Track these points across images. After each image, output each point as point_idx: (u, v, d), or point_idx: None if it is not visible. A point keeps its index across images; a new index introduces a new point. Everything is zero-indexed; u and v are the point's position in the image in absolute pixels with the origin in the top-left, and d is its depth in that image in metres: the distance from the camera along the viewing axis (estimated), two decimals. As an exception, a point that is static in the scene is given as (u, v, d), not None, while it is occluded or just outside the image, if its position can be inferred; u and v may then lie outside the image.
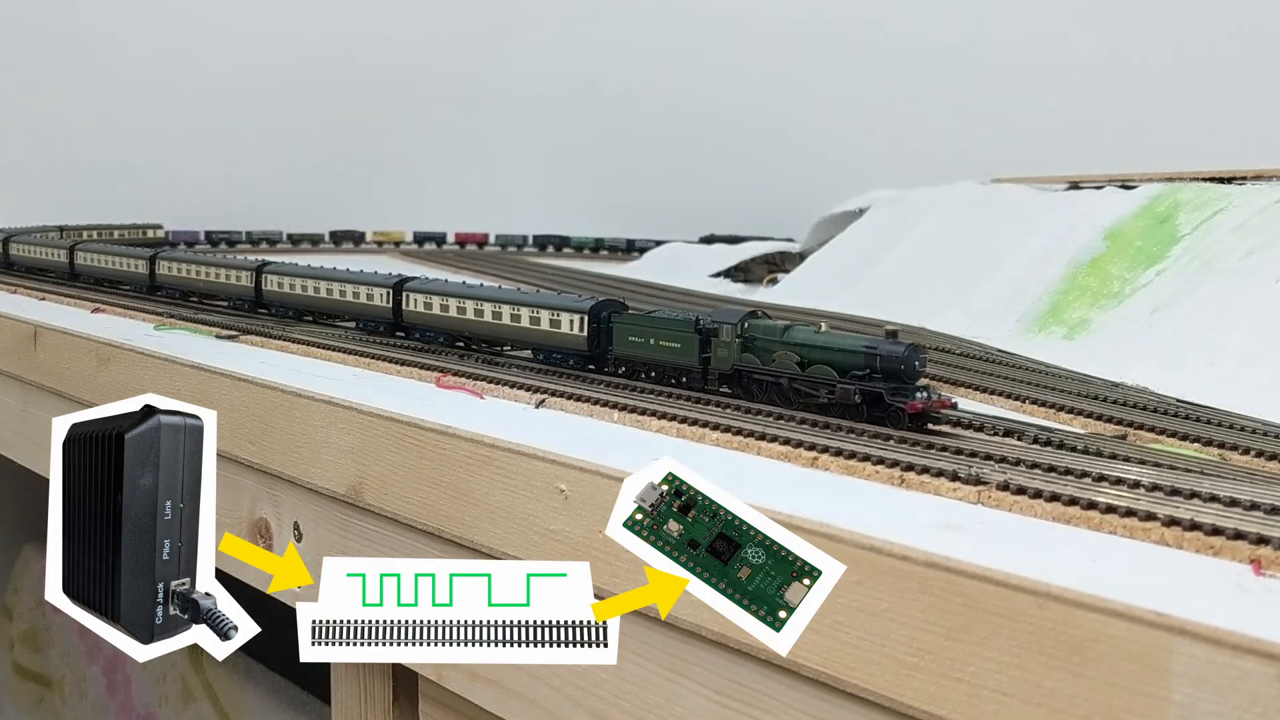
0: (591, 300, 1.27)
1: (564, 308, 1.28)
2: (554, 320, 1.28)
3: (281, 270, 1.78)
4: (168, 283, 2.08)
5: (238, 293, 1.87)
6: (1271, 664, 0.47)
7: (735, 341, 1.09)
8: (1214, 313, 1.56)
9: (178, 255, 2.13)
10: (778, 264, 3.21)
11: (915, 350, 0.97)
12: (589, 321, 1.24)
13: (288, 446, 1.06)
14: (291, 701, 1.78)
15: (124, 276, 2.20)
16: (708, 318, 1.12)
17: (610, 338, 1.22)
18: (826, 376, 1.00)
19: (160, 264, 2.10)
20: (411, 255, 4.13)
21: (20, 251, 2.57)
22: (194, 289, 2.01)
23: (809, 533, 0.65)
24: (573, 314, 1.26)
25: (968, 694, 0.57)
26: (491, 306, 1.37)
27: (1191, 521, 0.66)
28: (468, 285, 1.47)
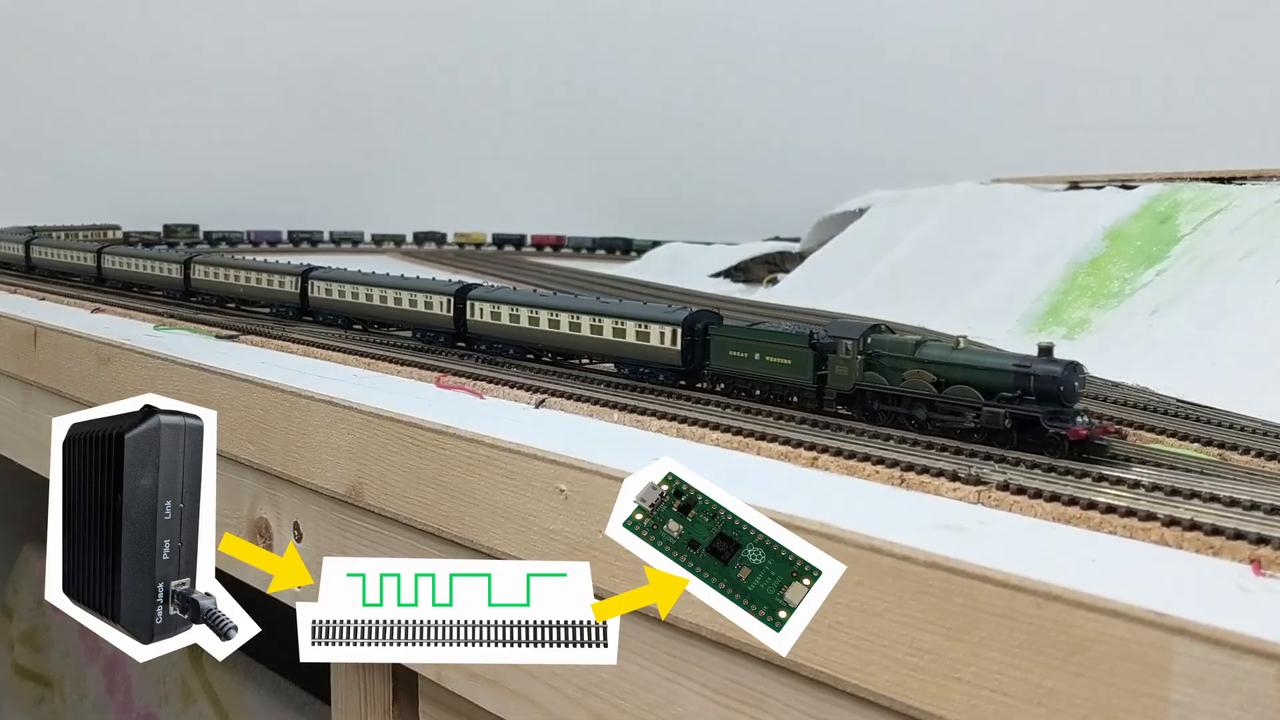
0: (684, 310, 1.19)
1: (654, 319, 1.19)
2: (642, 332, 1.19)
3: (329, 276, 1.69)
4: (204, 288, 1.97)
5: (281, 299, 1.77)
6: (1271, 664, 0.47)
7: (857, 358, 0.99)
8: (1214, 313, 1.56)
9: (214, 259, 2.01)
10: (778, 264, 3.21)
11: (1074, 369, 0.88)
12: (683, 334, 1.15)
13: (288, 446, 1.06)
14: (291, 701, 1.78)
15: (155, 281, 2.10)
16: (823, 331, 1.03)
17: (707, 351, 1.14)
18: (969, 398, 0.91)
19: (195, 268, 1.99)
20: (412, 255, 4.13)
21: (42, 254, 2.48)
22: (232, 295, 1.90)
23: (809, 533, 0.65)
24: (664, 325, 1.17)
25: (968, 694, 0.57)
26: (569, 317, 1.28)
27: (1191, 521, 0.66)
28: (540, 294, 1.38)
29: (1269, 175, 1.94)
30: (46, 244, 2.50)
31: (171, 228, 4.14)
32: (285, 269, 1.77)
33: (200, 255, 2.03)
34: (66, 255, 2.40)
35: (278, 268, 1.79)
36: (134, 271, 2.18)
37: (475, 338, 1.42)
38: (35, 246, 2.50)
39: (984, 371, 0.91)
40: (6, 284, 2.24)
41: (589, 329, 1.26)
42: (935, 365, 0.94)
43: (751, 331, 1.10)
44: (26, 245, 2.52)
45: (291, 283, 1.73)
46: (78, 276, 2.33)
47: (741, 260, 3.27)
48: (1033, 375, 0.88)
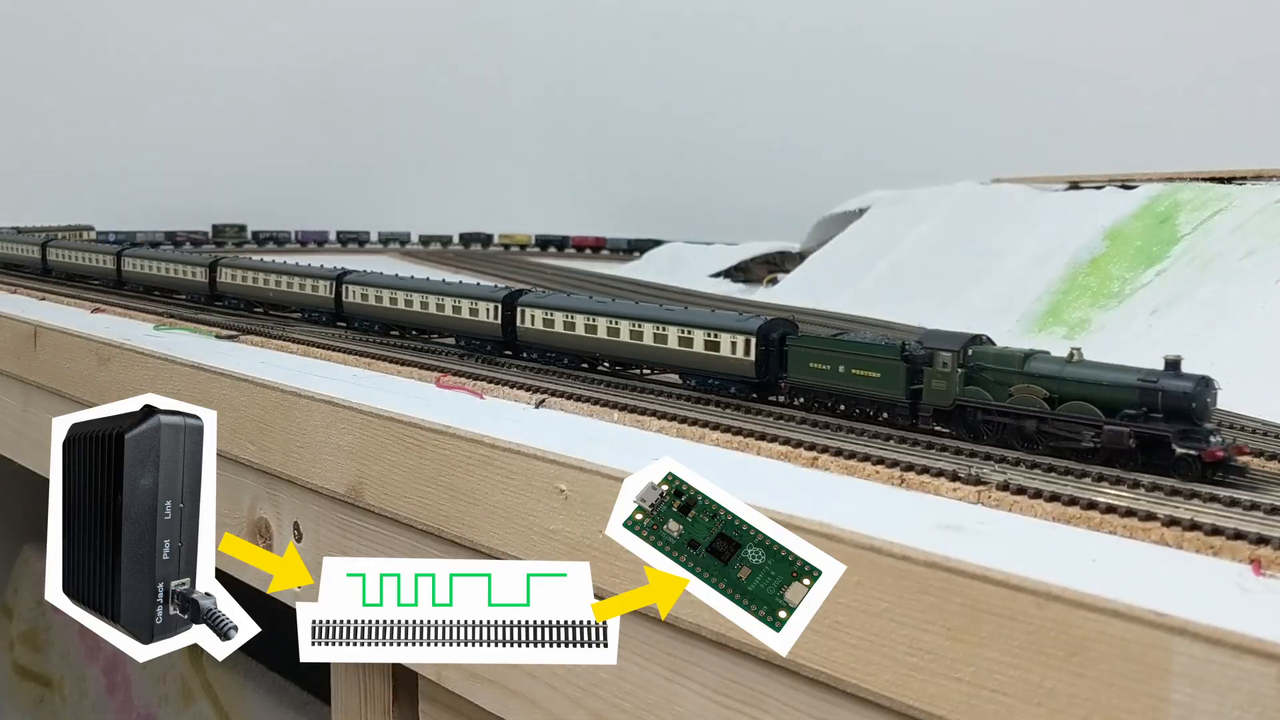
0: (758, 319, 1.11)
1: (724, 327, 1.12)
2: (711, 341, 1.12)
3: (365, 281, 1.61)
4: (231, 293, 1.88)
5: (314, 304, 1.68)
6: (1271, 664, 0.48)
7: (956, 371, 0.91)
8: (1214, 313, 1.56)
9: (242, 262, 1.90)
10: (778, 264, 3.22)
11: (1206, 384, 0.81)
12: (757, 344, 1.08)
13: (288, 446, 1.06)
14: (291, 701, 1.78)
15: (179, 285, 2.01)
16: (916, 342, 0.96)
17: (784, 363, 1.06)
18: (1088, 415, 0.84)
19: (222, 272, 1.90)
20: (412, 255, 4.13)
21: (59, 257, 2.39)
22: (261, 299, 1.82)
23: (809, 533, 0.65)
24: (736, 335, 1.10)
25: (968, 694, 0.57)
26: (630, 324, 1.21)
27: (1191, 521, 0.66)
28: (598, 300, 1.30)
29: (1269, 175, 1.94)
30: (64, 246, 2.42)
31: (220, 227, 4.17)
32: (319, 272, 1.69)
33: (227, 258, 1.94)
34: (85, 258, 2.31)
35: (310, 271, 1.71)
36: (156, 275, 2.09)
37: (525, 346, 1.34)
38: (52, 249, 2.43)
39: (1104, 387, 0.84)
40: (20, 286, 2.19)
41: (652, 337, 1.19)
42: (1047, 380, 0.88)
43: (836, 342, 1.03)
44: (43, 247, 2.45)
45: (326, 287, 1.66)
46: (96, 279, 2.26)
47: (741, 260, 3.27)
48: (1161, 391, 0.81)
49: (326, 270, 1.68)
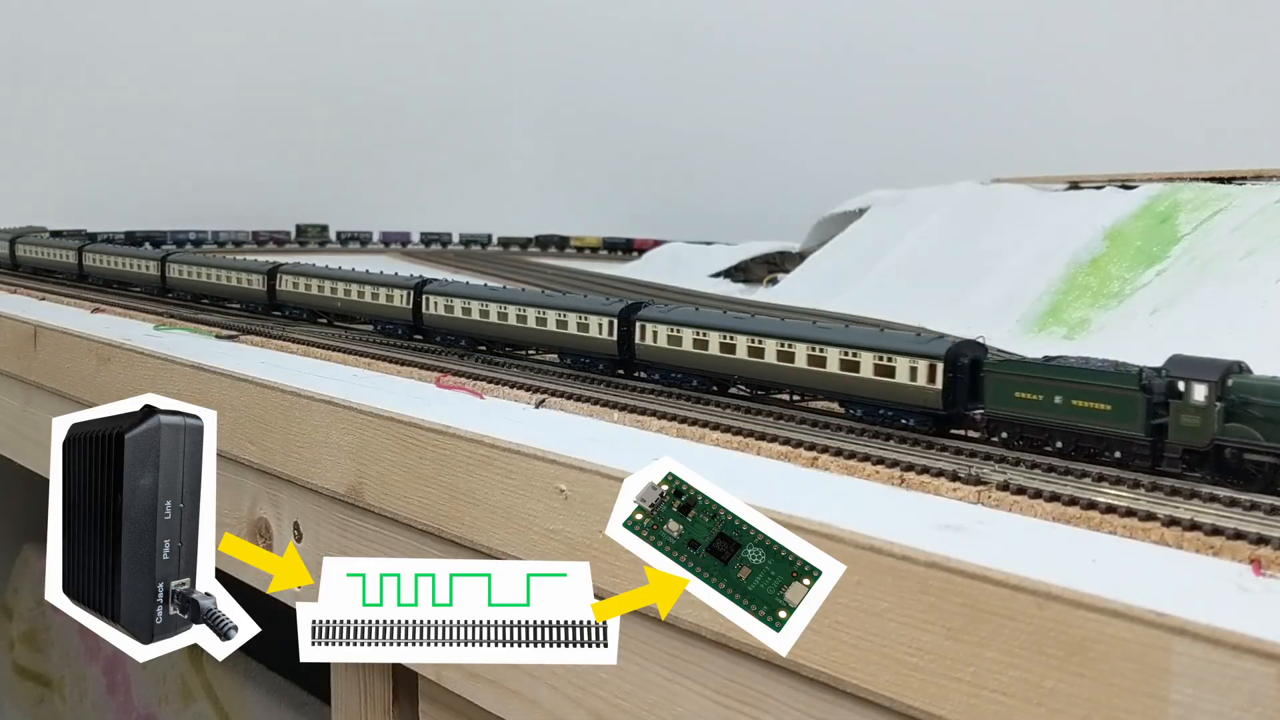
0: (943, 341, 0.96)
1: (901, 350, 0.96)
2: (885, 365, 0.96)
3: (449, 291, 1.45)
4: (292, 301, 1.73)
5: (390, 315, 1.53)
6: (1271, 664, 0.47)
7: (1214, 406, 0.78)
8: (1214, 313, 1.56)
9: (304, 269, 1.75)
10: (778, 264, 3.22)
11: None
12: (944, 369, 0.92)
13: (288, 446, 1.06)
14: (291, 701, 1.78)
15: (231, 293, 1.87)
16: (1156, 370, 0.82)
17: (977, 391, 0.92)
18: None
19: (282, 279, 1.75)
20: (412, 255, 4.13)
21: (97, 262, 2.25)
22: (327, 309, 1.67)
23: (809, 533, 0.65)
24: (917, 359, 0.94)
25: (968, 694, 0.57)
26: (778, 344, 1.06)
27: (1191, 521, 0.66)
28: (735, 316, 1.16)
29: (1269, 175, 1.94)
30: (101, 251, 2.27)
31: (303, 227, 4.22)
32: (394, 281, 1.55)
33: (287, 265, 1.79)
34: (126, 263, 2.14)
35: (385, 279, 1.57)
36: (205, 281, 1.93)
37: (648, 365, 1.20)
38: (89, 253, 2.29)
39: None
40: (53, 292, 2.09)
41: (805, 359, 1.04)
42: None
43: (1052, 368, 0.88)
44: (80, 252, 2.30)
45: (403, 297, 1.51)
46: (138, 286, 2.09)
47: (741, 260, 3.27)
48: None
49: (403, 279, 1.55)
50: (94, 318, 1.70)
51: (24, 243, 2.55)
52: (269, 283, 1.76)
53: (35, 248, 2.50)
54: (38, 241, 2.54)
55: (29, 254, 2.49)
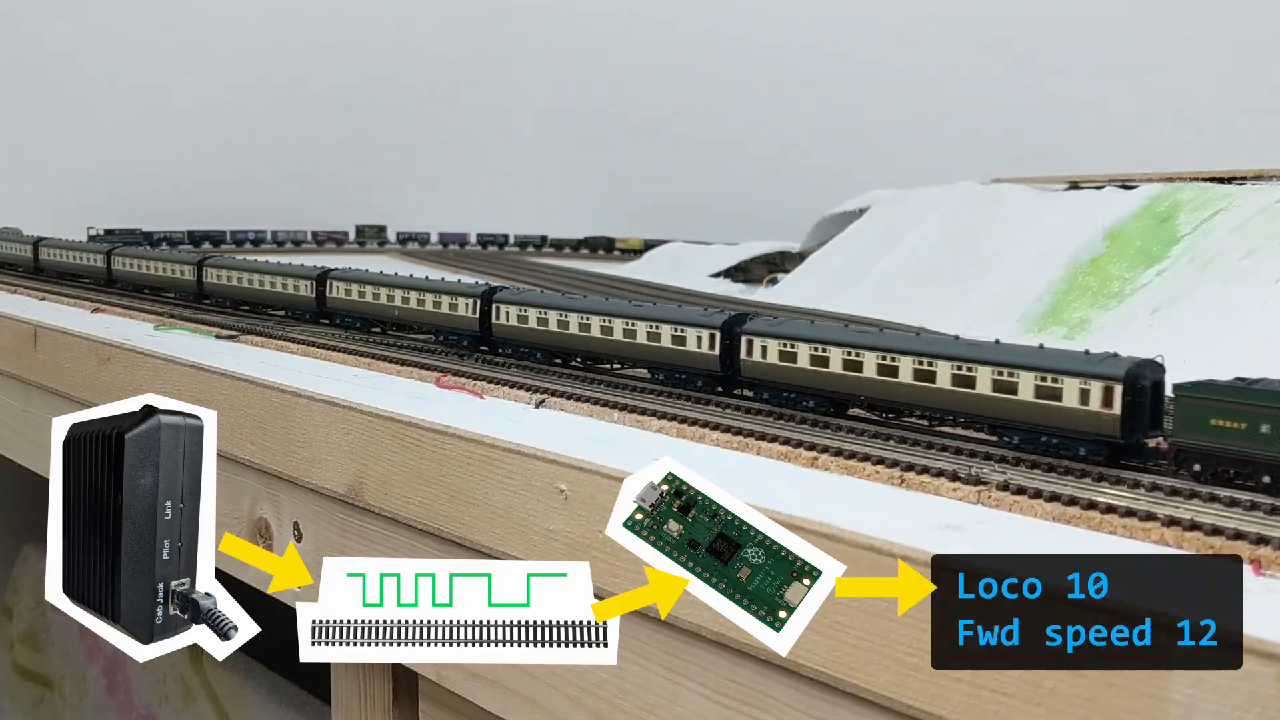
0: (1118, 359, 0.86)
1: (1068, 369, 0.86)
2: (1048, 387, 0.87)
3: (522, 300, 1.36)
4: (346, 310, 1.62)
5: (456, 325, 1.44)
6: (1271, 664, 0.47)
7: None
8: (1214, 313, 1.56)
9: (355, 275, 1.66)
10: (778, 264, 3.22)
11: None
12: (1123, 392, 0.82)
13: (288, 446, 1.06)
14: (291, 701, 1.78)
15: (279, 299, 1.78)
16: None
17: (1155, 417, 0.83)
18: None
19: (334, 286, 1.66)
20: (413, 255, 4.13)
21: (126, 266, 2.12)
22: (383, 318, 1.58)
23: (809, 533, 0.65)
24: (1089, 380, 0.85)
25: (968, 694, 0.57)
26: (913, 361, 0.96)
27: (1191, 521, 0.66)
28: (858, 330, 1.06)
29: (1269, 175, 1.94)
30: (132, 255, 2.14)
31: (362, 228, 4.32)
32: (459, 289, 1.47)
33: (338, 270, 1.69)
34: (159, 268, 2.01)
35: (449, 287, 1.49)
36: (247, 288, 1.82)
37: (758, 383, 1.09)
38: (118, 258, 2.15)
39: None
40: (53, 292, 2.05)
41: (950, 379, 0.94)
42: None
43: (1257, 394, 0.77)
44: (108, 256, 2.18)
45: (469, 305, 1.42)
46: (172, 292, 1.96)
47: (741, 260, 3.27)
48: None
49: (469, 286, 1.46)
50: (94, 318, 1.70)
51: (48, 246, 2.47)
52: (318, 289, 1.66)
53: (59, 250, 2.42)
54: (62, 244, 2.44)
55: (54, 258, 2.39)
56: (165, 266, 2.00)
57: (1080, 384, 0.85)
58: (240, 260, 1.93)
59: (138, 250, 2.18)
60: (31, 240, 2.49)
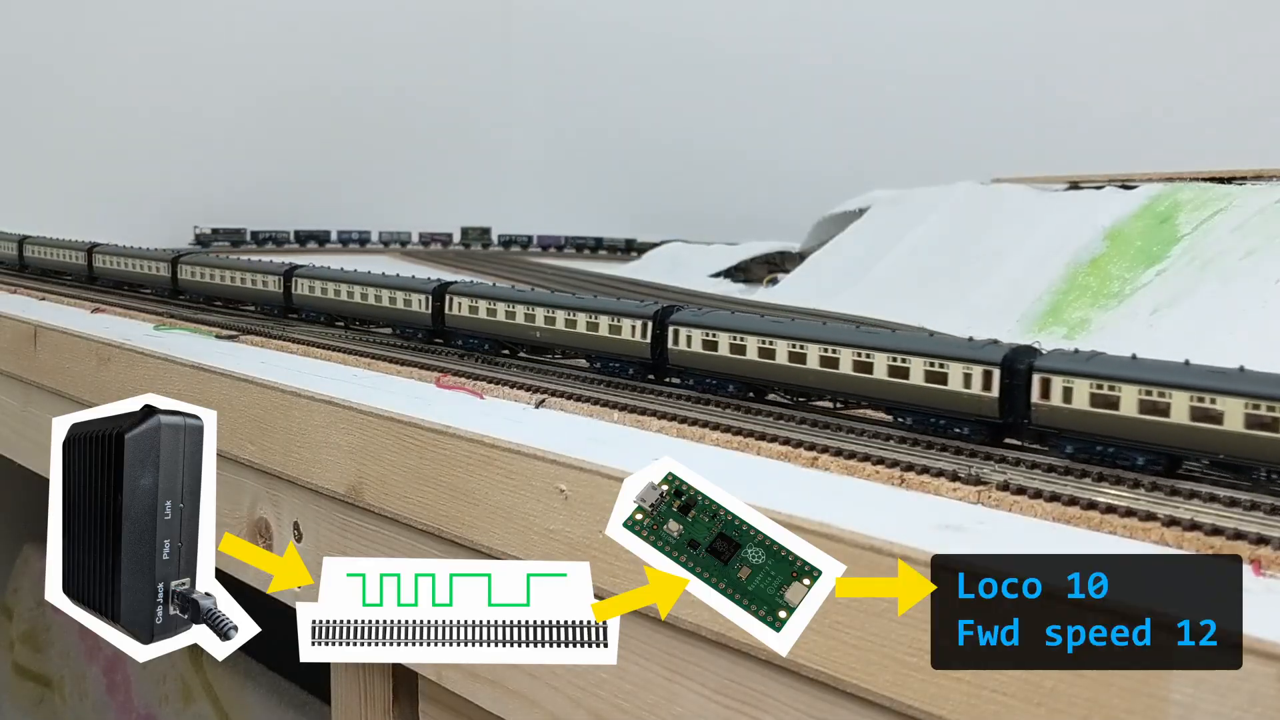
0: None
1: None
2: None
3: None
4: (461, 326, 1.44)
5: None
6: (1271, 664, 0.47)
7: None
8: (1214, 313, 1.56)
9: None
10: (778, 264, 3.22)
11: None
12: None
13: (288, 446, 1.06)
14: (291, 701, 1.78)
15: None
16: None
17: None
18: None
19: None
20: (413, 255, 4.13)
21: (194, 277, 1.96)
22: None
23: (809, 533, 0.65)
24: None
25: (968, 694, 0.57)
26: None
27: (1191, 521, 0.66)
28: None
29: (1269, 175, 1.94)
30: (200, 263, 2.01)
31: (467, 230, 4.39)
32: (414, 284, 1.45)
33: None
34: (237, 278, 1.84)
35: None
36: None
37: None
38: (184, 266, 2.02)
39: None
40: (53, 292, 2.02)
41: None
42: None
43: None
44: (173, 264, 2.03)
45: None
46: (252, 305, 1.82)
47: (741, 260, 3.27)
48: None
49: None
50: (94, 318, 1.70)
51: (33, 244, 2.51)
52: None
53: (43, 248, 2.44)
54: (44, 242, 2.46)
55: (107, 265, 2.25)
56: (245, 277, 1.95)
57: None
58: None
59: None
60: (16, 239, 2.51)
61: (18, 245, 2.47)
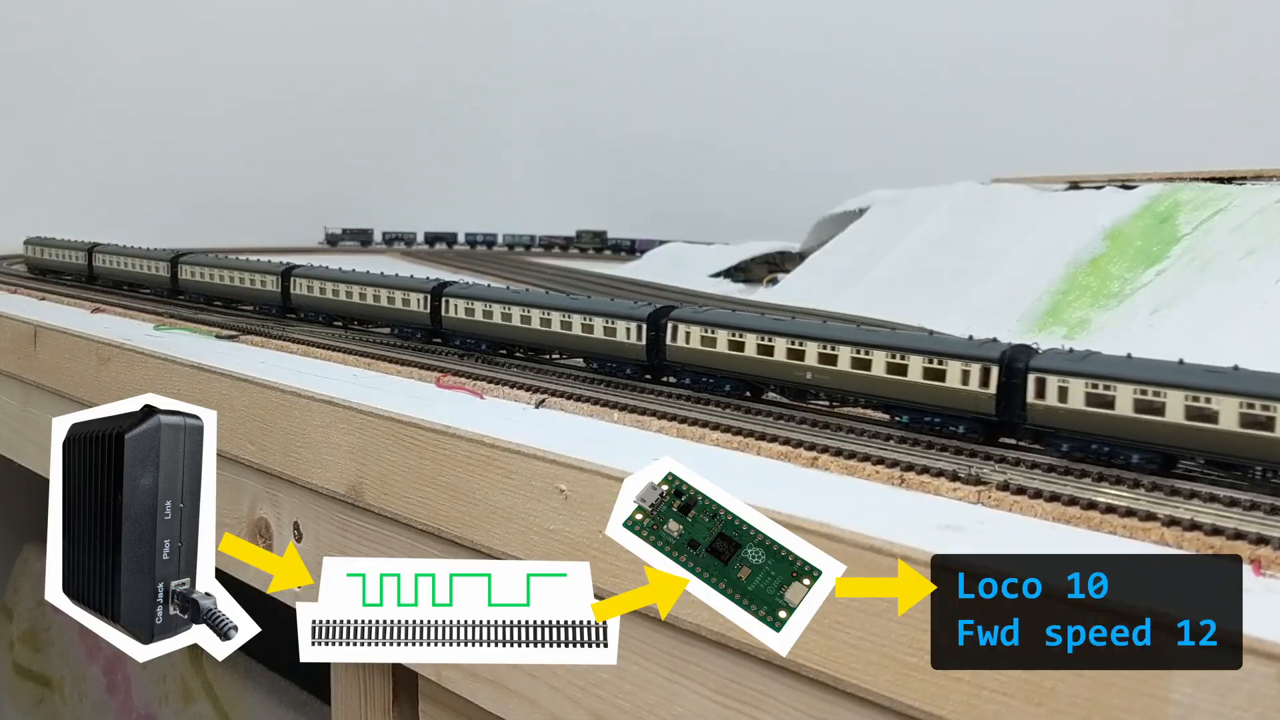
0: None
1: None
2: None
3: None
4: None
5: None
6: (1271, 664, 0.47)
7: None
8: (1214, 313, 1.56)
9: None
10: (778, 264, 3.21)
11: None
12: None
13: (288, 446, 1.06)
14: (291, 701, 1.78)
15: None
16: None
17: None
18: None
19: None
20: (414, 255, 4.13)
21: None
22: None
23: (809, 533, 0.65)
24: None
25: (968, 694, 0.57)
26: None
27: (1191, 521, 0.66)
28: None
29: (1269, 175, 1.94)
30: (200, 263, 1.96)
31: (581, 233, 4.41)
32: (412, 284, 1.44)
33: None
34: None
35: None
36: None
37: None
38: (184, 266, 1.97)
39: None
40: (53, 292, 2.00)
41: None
42: None
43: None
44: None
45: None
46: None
47: (741, 260, 3.26)
48: None
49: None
50: (94, 318, 1.70)
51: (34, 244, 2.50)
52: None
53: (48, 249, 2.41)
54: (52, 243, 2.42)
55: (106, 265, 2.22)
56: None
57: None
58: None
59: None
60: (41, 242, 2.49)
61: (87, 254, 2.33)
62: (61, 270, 2.31)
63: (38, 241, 2.43)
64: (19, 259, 2.60)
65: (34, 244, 2.44)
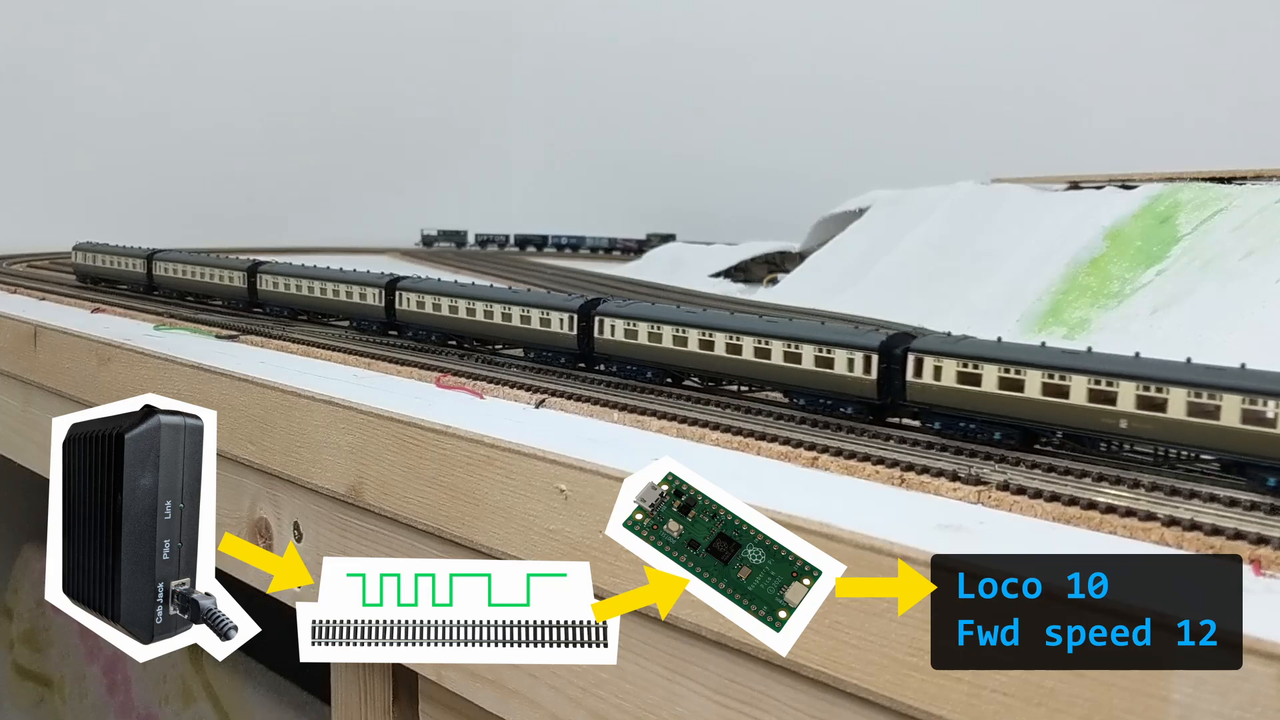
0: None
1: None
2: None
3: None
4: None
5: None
6: (1271, 664, 0.47)
7: None
8: (1214, 313, 1.56)
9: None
10: (778, 264, 3.21)
11: None
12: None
13: (288, 446, 1.06)
14: (291, 701, 1.78)
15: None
16: None
17: None
18: None
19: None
20: (412, 256, 4.13)
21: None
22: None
23: (809, 533, 0.65)
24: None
25: (968, 694, 0.57)
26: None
27: (1191, 521, 0.66)
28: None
29: (1269, 175, 1.94)
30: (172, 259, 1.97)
31: (650, 236, 4.44)
32: (368, 279, 1.48)
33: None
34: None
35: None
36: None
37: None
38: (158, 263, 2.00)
39: None
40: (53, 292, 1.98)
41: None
42: None
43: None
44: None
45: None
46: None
47: (741, 260, 3.27)
48: None
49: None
50: (94, 318, 1.70)
51: None
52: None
53: None
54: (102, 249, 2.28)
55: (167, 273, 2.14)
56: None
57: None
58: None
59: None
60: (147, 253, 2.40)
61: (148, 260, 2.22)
62: (117, 280, 2.12)
63: (88, 248, 2.21)
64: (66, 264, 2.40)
65: (84, 250, 2.21)
